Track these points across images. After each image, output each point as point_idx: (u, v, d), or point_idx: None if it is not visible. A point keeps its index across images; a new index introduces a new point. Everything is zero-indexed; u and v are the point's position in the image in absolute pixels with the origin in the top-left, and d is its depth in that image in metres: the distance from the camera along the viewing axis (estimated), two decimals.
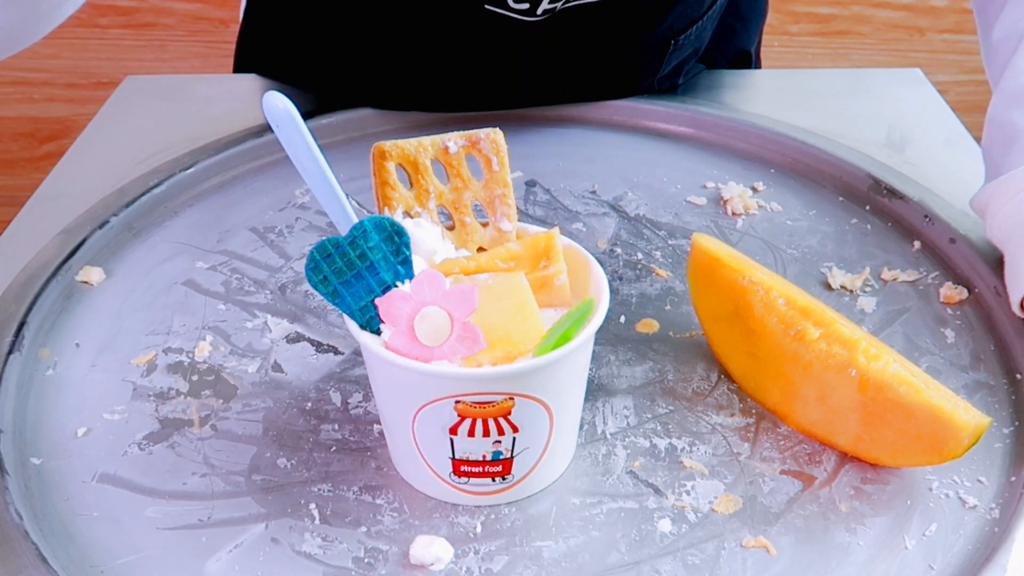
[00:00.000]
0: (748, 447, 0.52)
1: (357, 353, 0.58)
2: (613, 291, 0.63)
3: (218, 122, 0.80)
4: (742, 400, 0.55)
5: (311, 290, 0.62)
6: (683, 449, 0.52)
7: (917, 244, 0.67)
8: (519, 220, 0.52)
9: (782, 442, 0.52)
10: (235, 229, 0.69)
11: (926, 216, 0.68)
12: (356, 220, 0.47)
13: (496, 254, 0.50)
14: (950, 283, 0.63)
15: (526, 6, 0.70)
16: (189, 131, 0.79)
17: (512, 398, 0.44)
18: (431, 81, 0.78)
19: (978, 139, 0.70)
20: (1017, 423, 0.54)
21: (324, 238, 0.45)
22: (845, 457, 0.51)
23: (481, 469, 0.47)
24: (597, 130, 0.80)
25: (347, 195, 0.48)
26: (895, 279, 0.64)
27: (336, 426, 0.53)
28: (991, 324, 0.60)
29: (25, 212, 0.71)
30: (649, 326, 0.60)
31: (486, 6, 0.70)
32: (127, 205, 0.69)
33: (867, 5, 1.75)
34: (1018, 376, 0.56)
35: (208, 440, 0.53)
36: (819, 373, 0.50)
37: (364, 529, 0.48)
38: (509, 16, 0.71)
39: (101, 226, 0.67)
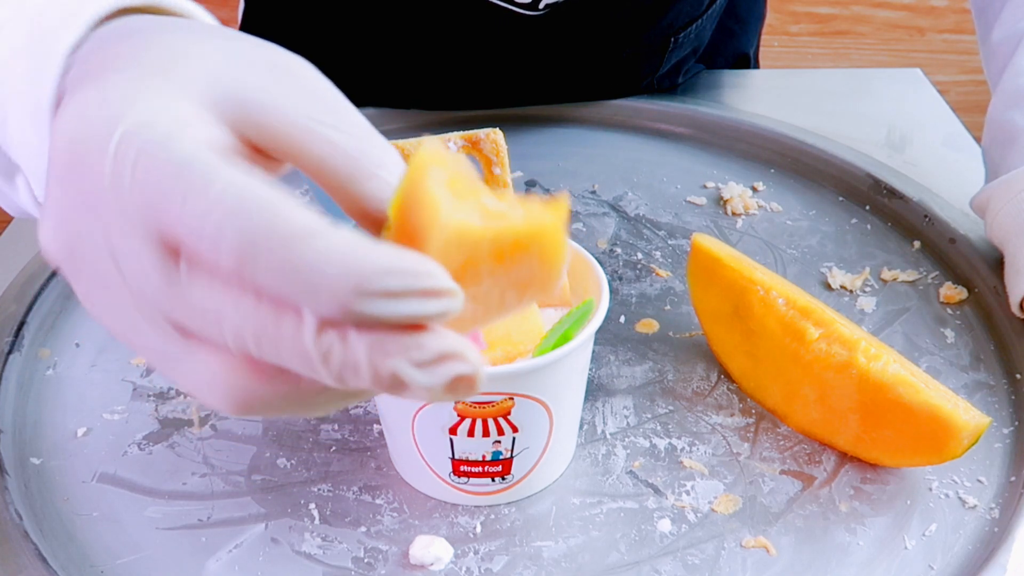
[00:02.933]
0: (748, 447, 0.52)
1: None
2: (613, 291, 0.63)
3: None
4: (742, 400, 0.55)
5: None
6: (683, 449, 0.52)
7: (917, 244, 0.67)
8: None
9: (782, 442, 0.52)
10: None
11: (926, 216, 0.68)
12: None
13: None
14: (950, 283, 0.63)
15: (528, 0, 0.71)
16: None
17: (512, 398, 0.44)
18: (431, 79, 0.78)
19: (978, 139, 0.70)
20: (1017, 423, 0.54)
21: None
22: (845, 457, 0.51)
23: (481, 469, 0.47)
24: (597, 130, 0.80)
25: None
26: (895, 279, 0.64)
27: (336, 426, 0.53)
28: (991, 324, 0.60)
29: None
30: (649, 326, 0.60)
31: None
32: None
33: (867, 5, 1.75)
34: (1018, 376, 0.56)
35: (208, 440, 0.53)
36: (819, 373, 0.50)
37: (364, 529, 0.48)
38: (511, 10, 0.71)
39: None
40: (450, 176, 0.28)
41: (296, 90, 0.30)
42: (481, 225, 0.27)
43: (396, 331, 0.26)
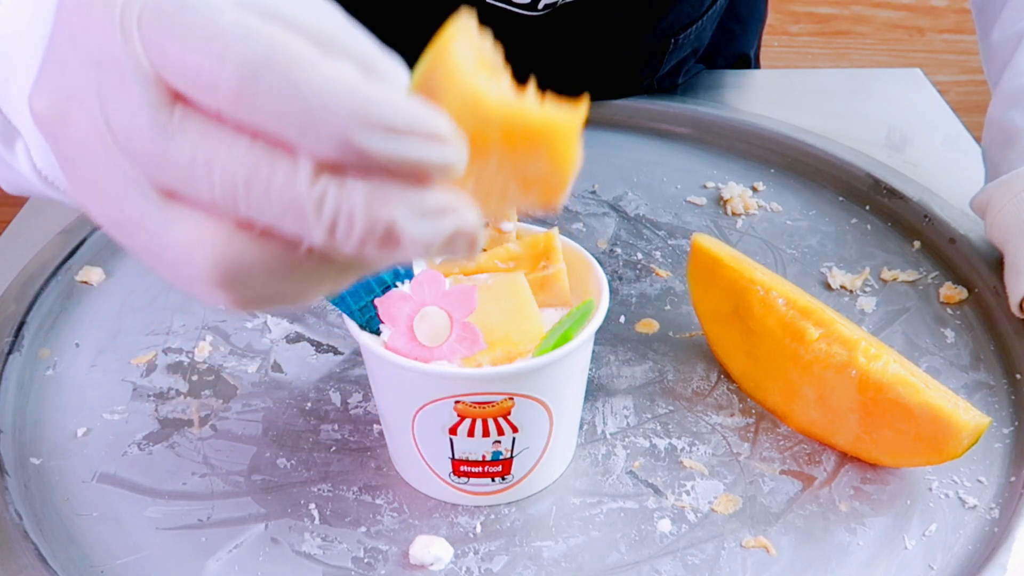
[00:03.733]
0: (748, 447, 0.52)
1: (357, 353, 0.58)
2: (613, 291, 0.63)
3: None
4: (742, 400, 0.55)
5: None
6: (683, 449, 0.52)
7: (917, 244, 0.67)
8: (519, 220, 0.53)
9: (782, 442, 0.52)
10: None
11: (926, 216, 0.68)
12: None
13: (496, 254, 0.50)
14: (950, 283, 0.63)
15: (527, 0, 0.71)
16: None
17: (512, 398, 0.44)
18: None
19: (978, 139, 0.70)
20: (1017, 423, 0.54)
21: None
22: (845, 457, 0.51)
23: (481, 469, 0.47)
24: (597, 130, 0.80)
25: None
26: (895, 279, 0.64)
27: (336, 426, 0.53)
28: (991, 324, 0.60)
29: (25, 212, 0.71)
30: (649, 326, 0.60)
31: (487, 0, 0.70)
32: None
33: (867, 5, 1.75)
34: (1018, 376, 0.56)
35: (208, 440, 0.53)
36: (819, 373, 0.50)
37: (364, 529, 0.48)
38: (510, 10, 0.71)
39: None
40: (477, 52, 0.27)
41: None
42: (497, 100, 0.26)
43: (396, 180, 0.25)
